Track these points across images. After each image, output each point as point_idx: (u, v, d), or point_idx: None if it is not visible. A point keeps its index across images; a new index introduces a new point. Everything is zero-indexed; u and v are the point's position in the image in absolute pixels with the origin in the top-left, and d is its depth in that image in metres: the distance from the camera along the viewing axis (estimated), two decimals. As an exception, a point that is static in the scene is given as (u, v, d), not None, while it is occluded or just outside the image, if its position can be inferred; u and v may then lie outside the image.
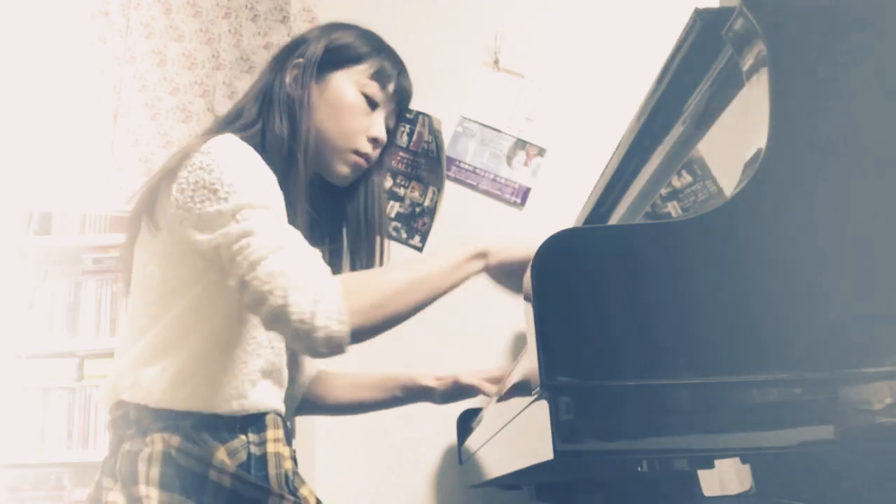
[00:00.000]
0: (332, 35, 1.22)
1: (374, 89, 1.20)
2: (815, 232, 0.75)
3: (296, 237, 1.02)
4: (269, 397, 1.12)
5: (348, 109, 1.18)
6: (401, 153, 2.42)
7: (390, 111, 1.24)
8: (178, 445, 1.02)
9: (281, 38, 2.62)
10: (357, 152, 1.19)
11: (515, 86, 2.43)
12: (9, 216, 2.70)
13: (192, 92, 2.61)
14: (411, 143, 2.42)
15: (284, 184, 1.10)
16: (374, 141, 1.20)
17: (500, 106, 2.42)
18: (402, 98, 1.25)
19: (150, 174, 1.29)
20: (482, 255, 1.08)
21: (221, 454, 1.04)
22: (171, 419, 1.04)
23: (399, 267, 1.06)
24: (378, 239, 1.27)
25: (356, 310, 0.96)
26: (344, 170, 1.20)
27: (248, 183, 1.02)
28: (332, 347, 0.96)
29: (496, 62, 2.44)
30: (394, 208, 2.39)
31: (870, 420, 0.70)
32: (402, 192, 2.40)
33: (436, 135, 2.40)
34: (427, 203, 2.38)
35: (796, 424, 0.72)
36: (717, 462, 1.03)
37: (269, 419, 1.12)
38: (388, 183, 2.41)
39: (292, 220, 1.10)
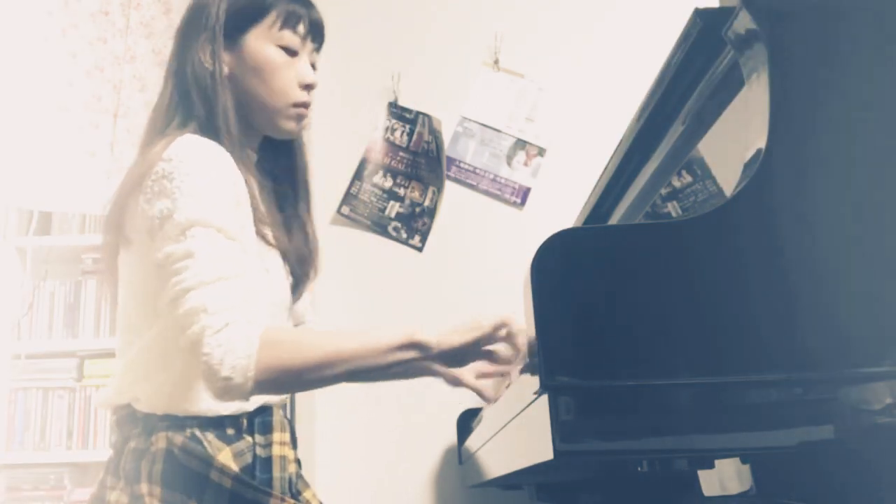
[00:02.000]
0: None
1: (288, 37, 1.16)
2: (815, 232, 0.75)
3: (238, 265, 1.00)
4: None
5: (271, 67, 1.15)
6: (401, 153, 2.42)
7: (311, 49, 1.20)
8: (181, 444, 1.02)
9: (281, 38, 2.62)
10: (296, 104, 1.17)
11: (515, 86, 2.43)
12: (9, 216, 2.70)
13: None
14: (411, 143, 2.41)
15: (239, 155, 1.09)
16: (306, 87, 1.18)
17: (500, 106, 2.42)
18: (316, 33, 1.20)
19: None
20: (418, 345, 1.00)
21: (227, 455, 1.04)
22: (177, 420, 1.04)
23: (326, 337, 1.02)
24: (305, 183, 1.26)
25: (266, 367, 0.95)
26: (290, 125, 1.18)
27: (205, 194, 1.00)
28: (232, 397, 0.95)
29: (496, 62, 2.44)
30: (394, 208, 2.39)
31: (870, 420, 0.71)
32: (402, 192, 2.40)
33: (436, 135, 2.40)
34: (427, 203, 2.38)
35: (796, 424, 0.72)
36: (717, 462, 1.03)
37: (277, 421, 1.12)
38: (388, 183, 2.41)
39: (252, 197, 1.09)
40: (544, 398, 0.72)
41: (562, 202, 2.21)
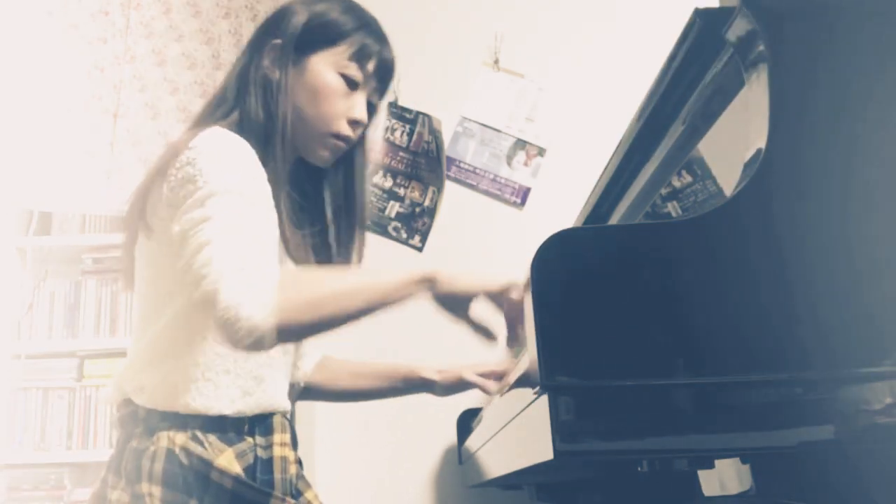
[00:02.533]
0: (314, 9, 1.17)
1: (353, 70, 1.16)
2: (815, 232, 0.75)
3: (256, 222, 1.00)
4: (274, 393, 1.12)
5: (327, 93, 1.14)
6: (401, 153, 2.42)
7: (373, 88, 1.20)
8: (182, 444, 1.02)
9: (281, 38, 2.62)
10: (337, 136, 1.16)
11: (515, 86, 2.42)
12: (9, 216, 2.70)
13: (192, 92, 2.61)
14: (411, 143, 2.42)
15: (266, 167, 1.08)
16: (354, 123, 1.17)
17: (500, 106, 2.42)
18: (384, 73, 1.20)
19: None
20: (429, 279, 1.04)
21: (229, 457, 1.04)
22: (178, 420, 1.04)
23: (342, 273, 1.04)
24: (357, 219, 1.24)
25: (286, 306, 0.94)
26: (324, 153, 1.18)
27: (224, 171, 1.01)
28: (254, 340, 0.93)
29: (496, 62, 2.44)
30: (394, 208, 2.39)
31: (870, 420, 0.70)
32: (402, 192, 2.40)
33: (436, 135, 2.40)
34: (427, 203, 2.38)
35: (796, 424, 0.72)
36: (717, 462, 1.03)
37: (277, 422, 1.12)
38: (388, 183, 2.41)
39: (275, 204, 1.08)
40: (544, 398, 0.72)
41: (562, 202, 2.21)
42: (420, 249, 2.37)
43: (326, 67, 1.15)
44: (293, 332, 0.98)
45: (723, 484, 1.18)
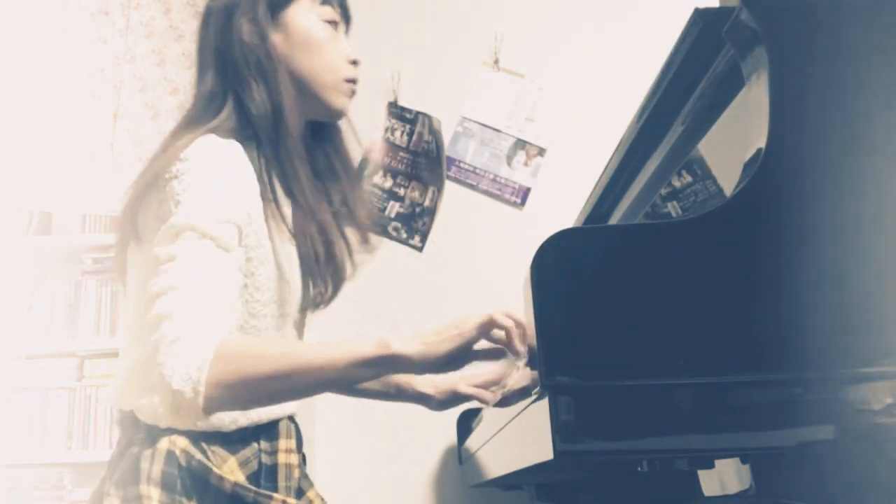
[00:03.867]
0: None
1: (328, 12, 1.13)
2: (815, 231, 0.75)
3: (219, 277, 0.95)
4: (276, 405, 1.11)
5: (319, 41, 1.11)
6: (401, 153, 2.42)
7: (343, 29, 1.18)
8: (183, 447, 1.01)
9: (281, 38, 2.62)
10: (348, 79, 1.14)
11: (515, 86, 2.42)
12: (9, 216, 2.70)
13: (192, 92, 2.61)
14: (411, 143, 2.41)
15: (279, 148, 1.05)
16: (353, 63, 1.15)
17: (500, 106, 2.42)
18: (347, 10, 1.18)
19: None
20: (396, 358, 0.91)
21: (232, 466, 1.02)
22: (181, 431, 1.02)
23: (290, 349, 0.97)
24: (356, 179, 1.21)
25: (218, 382, 0.87)
26: (343, 100, 1.14)
27: (207, 200, 0.96)
28: (184, 414, 0.88)
29: (496, 62, 2.44)
30: (394, 208, 2.39)
31: (870, 420, 0.70)
32: (402, 192, 2.40)
33: (436, 135, 2.40)
34: (427, 203, 2.38)
35: (796, 424, 0.72)
36: (717, 462, 1.03)
37: (283, 427, 1.10)
38: (388, 183, 2.41)
39: (297, 186, 1.05)
40: (544, 398, 0.72)
41: (562, 202, 2.21)
42: (420, 249, 2.36)
43: (306, 15, 1.12)
44: (225, 405, 0.92)
45: (723, 484, 1.18)
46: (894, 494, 0.87)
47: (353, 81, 1.14)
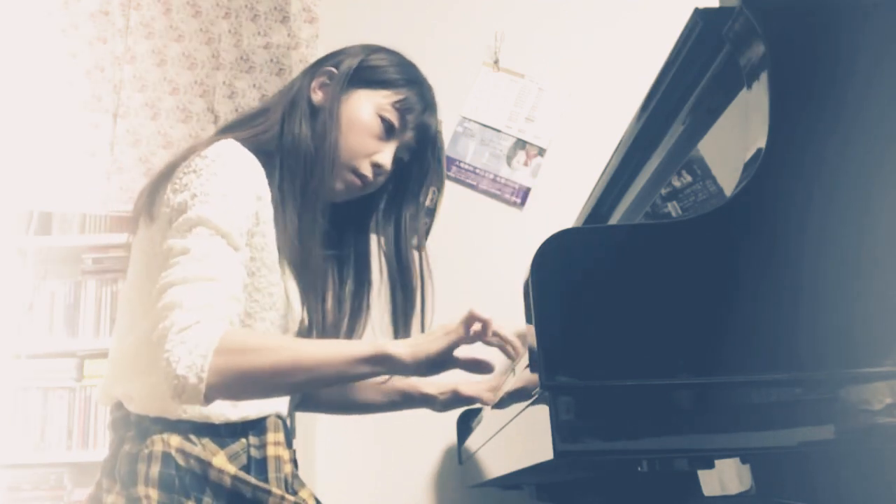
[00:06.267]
0: (372, 55, 1.20)
1: (392, 116, 1.17)
2: (815, 232, 0.75)
3: (228, 273, 0.99)
4: (267, 401, 1.12)
5: (360, 127, 1.15)
6: (401, 153, 2.42)
7: (406, 143, 1.20)
8: (177, 446, 1.02)
9: (281, 38, 2.62)
10: (356, 172, 1.16)
11: (515, 86, 2.42)
12: (9, 216, 2.70)
13: (192, 92, 2.61)
14: (411, 143, 2.42)
15: (301, 190, 1.10)
16: (376, 166, 1.17)
17: (500, 106, 2.42)
18: (422, 133, 1.20)
19: (150, 174, 1.29)
20: (383, 358, 0.96)
21: (221, 459, 1.04)
22: (169, 423, 1.04)
23: (291, 343, 1.00)
24: (410, 276, 1.24)
25: (220, 371, 0.92)
26: (338, 185, 1.17)
27: (221, 197, 1.01)
28: (186, 399, 0.93)
29: (496, 62, 2.44)
30: (394, 208, 2.39)
31: (870, 420, 0.70)
32: (402, 192, 2.40)
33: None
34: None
35: (796, 424, 0.72)
36: (717, 462, 1.03)
37: (270, 422, 1.12)
38: (388, 183, 2.40)
39: (308, 227, 1.10)
40: (544, 398, 0.72)
41: (562, 202, 2.21)
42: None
43: (368, 104, 1.17)
44: (226, 394, 0.96)
45: (723, 484, 1.18)
46: (894, 494, 0.87)
47: (359, 176, 1.17)
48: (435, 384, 1.35)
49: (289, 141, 1.13)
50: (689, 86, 1.03)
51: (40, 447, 2.60)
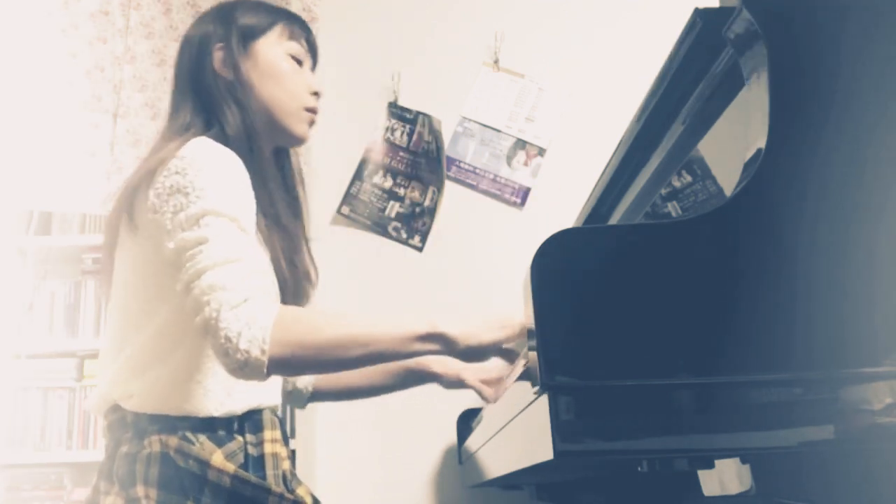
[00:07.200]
0: (237, 11, 1.23)
1: (295, 48, 1.23)
2: (815, 231, 0.75)
3: (251, 252, 1.01)
4: (262, 389, 1.12)
5: (284, 73, 1.21)
6: (401, 153, 2.42)
7: (309, 65, 1.27)
8: (175, 446, 1.02)
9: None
10: (308, 109, 1.22)
11: (515, 86, 2.42)
12: (9, 216, 2.70)
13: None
14: (411, 143, 2.41)
15: (254, 167, 1.11)
16: (315, 95, 1.24)
17: (500, 106, 2.42)
18: (314, 52, 1.28)
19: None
20: (439, 337, 0.98)
21: (219, 458, 1.04)
22: (167, 423, 1.04)
23: (347, 318, 1.01)
24: (298, 205, 1.28)
25: (282, 343, 0.93)
26: (303, 128, 1.23)
27: (218, 188, 1.02)
28: (249, 373, 0.94)
29: (496, 62, 2.44)
30: (394, 208, 2.39)
31: (870, 420, 0.70)
32: (402, 192, 2.40)
33: (436, 135, 2.40)
34: (427, 203, 2.38)
35: (796, 424, 0.72)
36: (717, 462, 1.03)
37: (267, 419, 1.12)
38: (388, 183, 2.41)
39: (270, 202, 1.12)
40: (544, 398, 0.72)
41: (562, 202, 2.21)
42: (420, 249, 2.36)
43: (275, 50, 1.21)
44: (285, 370, 0.99)
45: (723, 484, 1.18)
46: (894, 494, 0.87)
47: (312, 111, 1.23)
48: (442, 363, 1.37)
49: (232, 130, 1.14)
50: (689, 86, 1.03)
51: (40, 447, 2.59)
